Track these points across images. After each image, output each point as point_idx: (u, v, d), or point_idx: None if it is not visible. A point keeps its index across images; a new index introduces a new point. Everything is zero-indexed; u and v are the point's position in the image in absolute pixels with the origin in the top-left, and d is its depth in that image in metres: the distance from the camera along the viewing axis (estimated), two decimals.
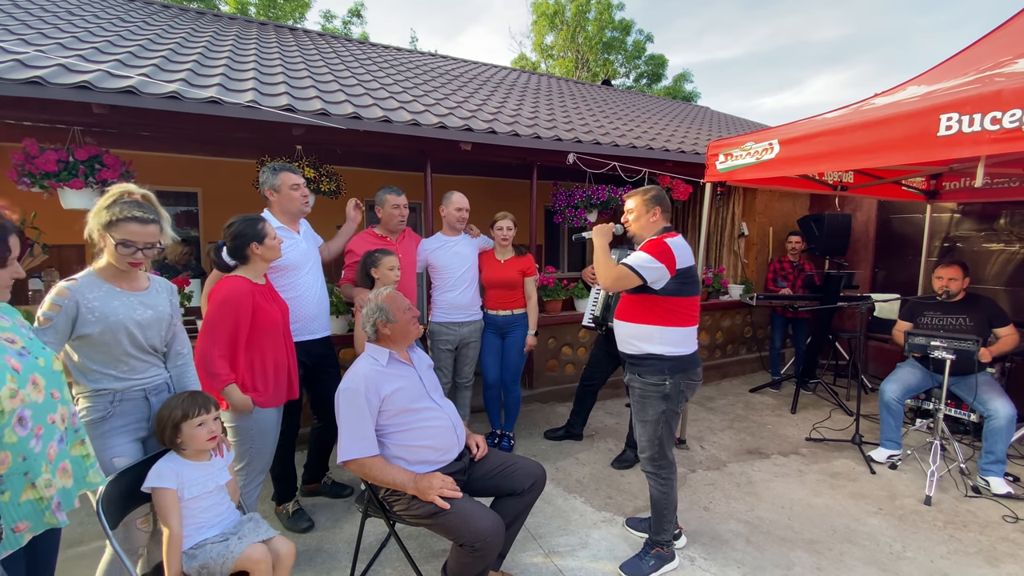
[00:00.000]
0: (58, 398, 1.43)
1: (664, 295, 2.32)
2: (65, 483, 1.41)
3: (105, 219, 1.76)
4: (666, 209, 2.50)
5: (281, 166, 2.80)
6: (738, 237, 6.19)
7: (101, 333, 1.76)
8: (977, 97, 2.19)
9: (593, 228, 2.53)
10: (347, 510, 3.00)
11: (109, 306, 1.79)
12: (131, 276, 1.89)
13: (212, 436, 1.84)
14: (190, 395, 1.86)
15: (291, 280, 2.75)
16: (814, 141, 2.91)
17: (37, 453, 1.32)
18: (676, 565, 2.51)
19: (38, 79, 2.78)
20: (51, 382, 1.41)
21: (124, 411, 1.85)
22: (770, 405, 4.93)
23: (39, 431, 1.34)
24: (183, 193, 5.99)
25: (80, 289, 1.75)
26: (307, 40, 7.08)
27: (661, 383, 2.35)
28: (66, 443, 1.44)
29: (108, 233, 1.77)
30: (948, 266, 3.62)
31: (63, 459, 1.42)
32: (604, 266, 2.37)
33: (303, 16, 18.88)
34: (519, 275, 3.61)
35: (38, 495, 1.32)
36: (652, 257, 2.27)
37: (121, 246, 1.77)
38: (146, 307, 1.89)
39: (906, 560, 2.58)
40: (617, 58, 22.51)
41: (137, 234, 1.79)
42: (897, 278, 5.59)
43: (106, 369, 1.81)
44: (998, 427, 3.24)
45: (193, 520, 1.78)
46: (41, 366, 1.40)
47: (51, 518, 1.35)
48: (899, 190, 4.74)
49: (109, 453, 1.79)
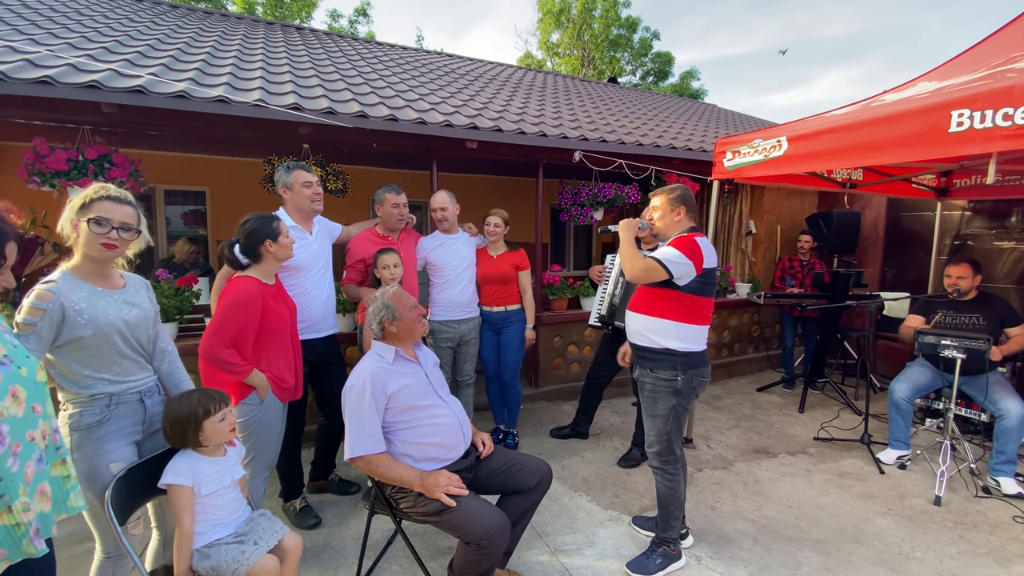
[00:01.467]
0: (40, 412, 1.30)
1: (686, 292, 2.32)
2: (43, 507, 1.28)
3: (78, 204, 1.67)
4: (691, 209, 2.50)
5: (295, 164, 2.82)
6: (746, 235, 6.15)
7: (93, 336, 1.67)
8: (988, 93, 2.17)
9: (620, 223, 2.52)
10: (354, 507, 3.01)
11: (96, 307, 1.69)
12: (106, 273, 1.80)
13: (233, 427, 1.86)
14: (201, 392, 1.83)
15: (299, 280, 2.77)
16: (823, 138, 2.88)
17: (14, 473, 1.18)
18: (683, 564, 2.51)
19: (48, 79, 2.81)
20: (33, 394, 1.28)
21: (120, 415, 1.77)
22: (777, 404, 4.90)
23: (17, 448, 1.20)
24: (191, 192, 6.03)
25: (62, 291, 1.63)
26: (314, 39, 7.11)
27: (673, 378, 2.36)
28: (45, 463, 1.31)
29: (81, 217, 1.67)
30: (958, 264, 3.59)
31: (42, 480, 1.28)
32: (632, 257, 2.36)
33: (310, 16, 18.95)
34: (512, 269, 3.61)
35: (14, 520, 1.18)
36: (681, 253, 2.28)
37: (94, 223, 1.66)
38: (131, 305, 1.81)
39: (915, 561, 2.56)
40: (623, 56, 22.41)
41: (112, 211, 1.70)
42: (907, 276, 5.54)
43: (100, 373, 1.72)
44: (1009, 427, 3.20)
45: (208, 518, 1.77)
46: (24, 376, 1.27)
47: (28, 547, 1.21)
48: (909, 187, 4.69)
49: (105, 458, 1.72)
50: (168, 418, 1.78)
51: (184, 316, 3.55)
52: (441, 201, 3.47)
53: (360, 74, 5.32)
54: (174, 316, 3.45)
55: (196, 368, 3.39)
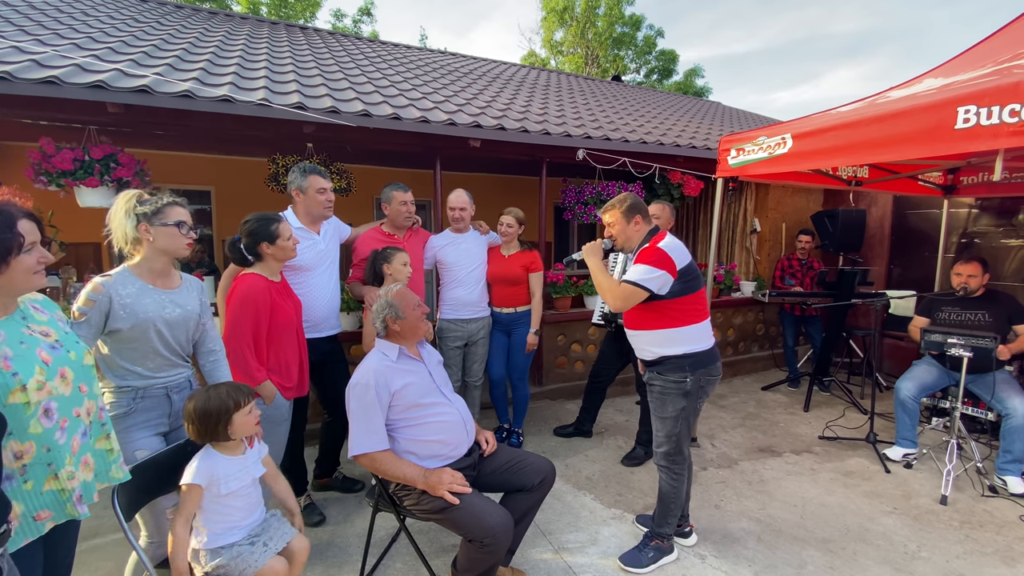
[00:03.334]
0: (86, 392, 1.44)
1: (671, 298, 2.30)
2: (86, 476, 1.42)
3: (146, 211, 1.82)
4: (645, 212, 2.46)
5: (311, 168, 2.81)
6: (750, 233, 6.13)
7: (131, 329, 1.80)
8: (995, 89, 2.15)
9: (582, 248, 2.48)
10: (358, 505, 3.02)
11: (140, 303, 1.83)
12: (166, 272, 1.94)
13: (258, 420, 1.85)
14: (230, 385, 1.83)
15: (304, 279, 2.77)
16: (828, 135, 2.86)
17: (61, 445, 1.33)
18: (675, 557, 2.52)
19: (54, 79, 2.82)
20: (80, 376, 1.43)
21: (146, 407, 1.89)
22: (782, 403, 4.88)
23: (64, 423, 1.35)
24: (196, 191, 6.07)
25: (114, 285, 1.79)
26: (317, 39, 7.12)
27: (682, 380, 2.34)
28: (90, 436, 1.46)
29: (153, 224, 1.83)
30: (968, 263, 3.56)
31: (86, 452, 1.43)
32: (607, 288, 2.33)
33: (314, 15, 18.99)
34: (523, 270, 3.57)
35: (60, 486, 1.33)
36: (651, 267, 2.24)
37: (177, 227, 1.86)
38: (176, 305, 1.93)
39: (921, 560, 2.55)
40: (627, 54, 22.37)
41: (184, 215, 1.90)
42: (913, 275, 5.50)
43: (133, 366, 1.85)
44: (1016, 426, 3.18)
45: (223, 520, 1.75)
46: (72, 360, 1.42)
47: (72, 509, 1.36)
48: (915, 185, 4.66)
49: (132, 447, 1.84)
50: (198, 411, 1.72)
51: None
52: (461, 200, 3.45)
53: (363, 73, 5.33)
54: None
55: None
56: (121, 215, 1.83)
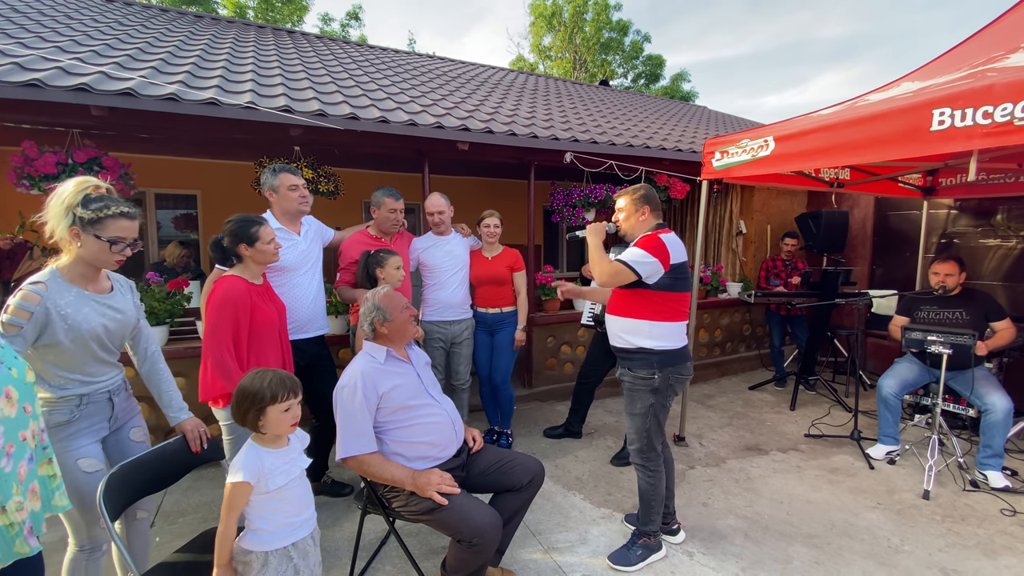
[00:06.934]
0: (30, 412, 1.31)
1: (657, 289, 2.34)
2: (35, 506, 1.28)
3: (86, 216, 1.65)
4: (655, 207, 2.52)
5: (281, 167, 2.81)
6: (736, 235, 6.20)
7: (72, 341, 1.68)
8: (969, 92, 2.20)
9: (587, 227, 2.56)
10: (347, 508, 3.01)
11: (80, 313, 1.70)
12: (96, 276, 1.80)
13: (295, 423, 1.69)
14: (277, 376, 1.65)
15: (286, 280, 2.76)
16: (809, 137, 2.92)
17: (7, 473, 1.18)
18: (663, 555, 2.54)
19: (37, 82, 2.79)
20: (24, 395, 1.29)
21: (89, 413, 1.78)
22: (769, 402, 4.93)
23: (10, 449, 1.20)
24: (182, 195, 6.01)
25: (51, 295, 1.64)
26: (305, 42, 7.10)
27: (650, 377, 2.38)
28: (35, 462, 1.32)
29: (89, 231, 1.66)
30: (944, 262, 3.64)
31: (33, 479, 1.29)
32: (599, 263, 2.40)
33: (301, 19, 18.92)
34: (507, 271, 3.61)
35: (8, 520, 1.16)
36: (646, 252, 2.30)
37: (113, 244, 1.69)
38: (115, 311, 1.82)
39: (904, 554, 2.59)
40: (615, 59, 22.55)
41: (128, 230, 1.72)
42: (895, 275, 5.60)
43: (72, 374, 1.73)
44: (995, 421, 3.25)
45: (277, 516, 1.61)
46: (15, 377, 1.27)
47: (22, 546, 1.19)
48: (895, 187, 4.75)
49: (74, 454, 1.72)
50: (239, 389, 1.62)
51: (175, 319, 3.54)
52: (438, 205, 3.47)
53: (351, 77, 5.33)
54: (164, 319, 3.44)
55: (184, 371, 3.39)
56: (61, 209, 1.65)
